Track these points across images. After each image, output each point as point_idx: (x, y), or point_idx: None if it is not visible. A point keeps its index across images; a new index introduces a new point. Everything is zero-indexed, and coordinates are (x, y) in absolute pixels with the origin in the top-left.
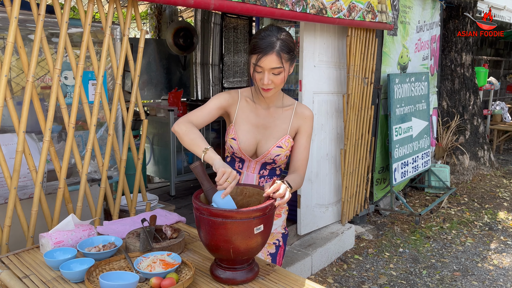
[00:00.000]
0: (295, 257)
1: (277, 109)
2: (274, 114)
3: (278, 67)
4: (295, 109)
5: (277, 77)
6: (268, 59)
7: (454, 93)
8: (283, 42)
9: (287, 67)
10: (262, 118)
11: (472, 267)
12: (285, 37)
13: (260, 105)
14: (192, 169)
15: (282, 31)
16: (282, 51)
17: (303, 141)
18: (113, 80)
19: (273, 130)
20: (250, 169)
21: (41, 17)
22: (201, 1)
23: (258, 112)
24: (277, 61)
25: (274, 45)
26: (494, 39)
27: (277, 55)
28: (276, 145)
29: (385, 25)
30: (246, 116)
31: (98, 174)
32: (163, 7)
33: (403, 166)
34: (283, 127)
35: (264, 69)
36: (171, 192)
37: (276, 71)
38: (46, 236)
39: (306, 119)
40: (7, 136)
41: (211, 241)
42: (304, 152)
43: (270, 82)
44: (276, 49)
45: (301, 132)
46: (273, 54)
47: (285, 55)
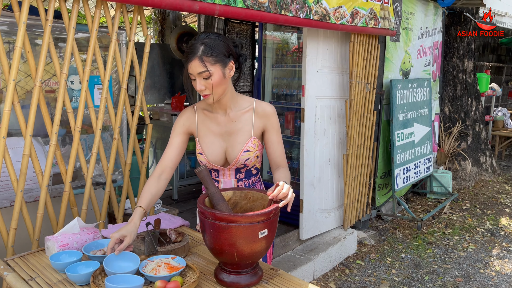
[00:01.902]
0: (298, 262)
1: (236, 113)
2: (234, 119)
3: (203, 71)
4: (255, 109)
5: (207, 81)
6: (193, 65)
7: (456, 99)
8: (207, 46)
9: (215, 70)
10: (224, 126)
11: (474, 273)
12: (210, 41)
13: (218, 113)
14: (197, 174)
15: (209, 35)
16: (204, 55)
17: (274, 138)
18: (119, 85)
19: (237, 135)
20: (225, 176)
21: (49, 22)
22: (206, 7)
23: (218, 121)
24: (200, 66)
25: (197, 50)
26: (496, 45)
27: (199, 60)
28: (243, 150)
29: (387, 31)
30: (207, 128)
31: (102, 177)
32: (167, 12)
33: (405, 172)
34: (246, 130)
35: (194, 75)
36: (174, 196)
37: (203, 75)
38: (51, 239)
39: (268, 116)
40: (14, 139)
41: (216, 245)
42: (279, 147)
43: (203, 87)
44: (198, 54)
45: (268, 130)
46: (195, 59)
47: (209, 58)
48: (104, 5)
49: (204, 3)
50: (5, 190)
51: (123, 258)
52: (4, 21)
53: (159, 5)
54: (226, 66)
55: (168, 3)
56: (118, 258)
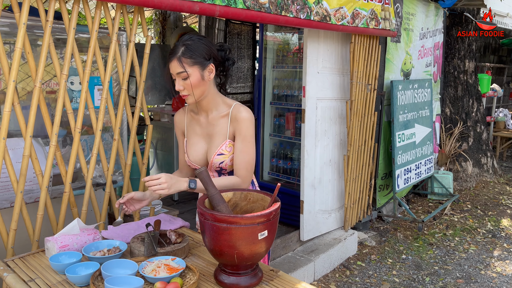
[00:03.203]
0: (298, 263)
1: (215, 116)
2: (213, 121)
3: (181, 71)
4: (231, 113)
5: (185, 82)
6: (172, 65)
7: (457, 100)
8: (186, 47)
9: (193, 72)
10: (205, 127)
11: (475, 274)
12: (191, 43)
13: (201, 115)
14: (197, 175)
15: (192, 37)
16: (183, 56)
17: (238, 145)
18: (119, 85)
19: (214, 138)
20: None
21: (49, 23)
22: (206, 8)
23: (200, 122)
24: (178, 66)
25: (177, 51)
26: (497, 46)
27: (177, 60)
28: (216, 153)
29: (388, 32)
30: (192, 128)
31: (102, 178)
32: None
33: (406, 173)
34: (222, 133)
35: (174, 76)
36: (174, 197)
37: (181, 76)
38: (51, 240)
39: (239, 121)
40: (14, 140)
41: (216, 247)
42: (239, 156)
43: (182, 87)
44: (177, 55)
45: (236, 135)
46: (174, 60)
47: (187, 59)
48: (105, 6)
49: (205, 4)
50: (5, 191)
51: (121, 265)
52: (5, 22)
53: (160, 6)
54: (205, 68)
55: (168, 4)
56: (116, 265)
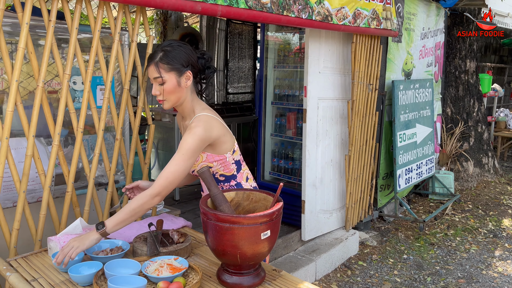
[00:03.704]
0: (299, 263)
1: (188, 123)
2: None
3: (157, 76)
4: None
5: (162, 87)
6: (149, 70)
7: (458, 100)
8: (164, 53)
9: (170, 77)
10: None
11: (477, 274)
12: (170, 49)
13: (184, 120)
14: (199, 175)
15: (172, 43)
16: (160, 61)
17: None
18: (121, 85)
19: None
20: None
21: (52, 23)
22: (208, 8)
23: (185, 126)
24: (155, 71)
25: (155, 57)
26: (498, 46)
27: (154, 66)
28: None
29: (390, 32)
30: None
31: (104, 178)
32: (169, 13)
33: (407, 173)
34: None
35: (151, 80)
36: (176, 197)
37: (158, 81)
38: (54, 240)
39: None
40: (17, 140)
41: (218, 246)
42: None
43: (158, 92)
44: (155, 60)
45: None
46: (151, 65)
47: (164, 65)
48: (107, 6)
49: (207, 3)
50: (7, 191)
51: (124, 265)
52: (7, 22)
53: (161, 6)
54: (182, 75)
55: (170, 3)
56: (119, 265)
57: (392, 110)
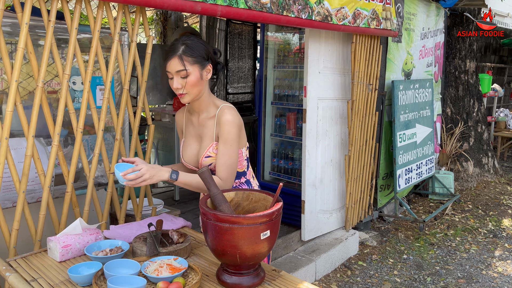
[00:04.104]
0: (299, 263)
1: (204, 118)
2: (203, 123)
3: (181, 69)
4: (217, 115)
5: (185, 80)
6: (172, 63)
7: (458, 100)
8: (187, 46)
9: (193, 70)
10: (197, 128)
11: (477, 274)
12: (191, 42)
13: (194, 115)
14: (199, 175)
15: (190, 38)
16: (184, 54)
17: (220, 147)
18: (121, 85)
19: (204, 140)
20: None
21: (51, 23)
22: (208, 8)
23: (193, 123)
24: (179, 64)
25: (177, 50)
26: (498, 46)
27: (179, 58)
28: (204, 155)
29: (389, 32)
30: (188, 128)
31: (104, 178)
32: (169, 13)
33: (407, 173)
34: (210, 135)
35: (172, 74)
36: (175, 197)
37: (181, 74)
38: (54, 240)
39: (221, 124)
40: (16, 140)
41: (218, 246)
42: (220, 159)
43: (180, 86)
44: (178, 53)
45: (219, 138)
46: (175, 57)
47: (188, 57)
48: (107, 6)
49: (206, 4)
50: (7, 191)
51: (123, 265)
52: (7, 22)
53: (161, 6)
54: (204, 68)
55: (170, 4)
56: (118, 265)
57: (392, 110)
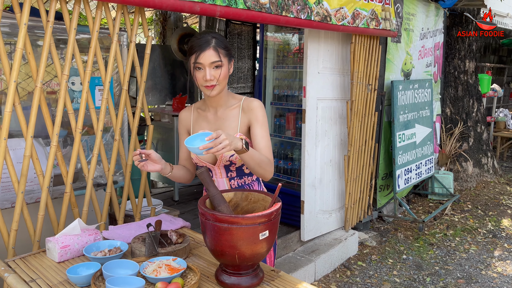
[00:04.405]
0: (299, 263)
1: (224, 110)
2: (222, 116)
3: (217, 60)
4: (242, 105)
5: (217, 71)
6: (207, 54)
7: (457, 100)
8: (218, 40)
9: (225, 63)
10: (213, 123)
11: (476, 274)
12: (220, 36)
13: (209, 111)
14: (198, 175)
15: (216, 33)
16: (218, 46)
17: (258, 131)
18: (120, 86)
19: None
20: (217, 175)
21: (50, 23)
22: (207, 8)
23: (208, 119)
24: (215, 55)
25: (210, 42)
26: (497, 46)
27: (214, 50)
28: None
29: (389, 32)
30: (199, 125)
31: (103, 179)
32: (168, 13)
33: (406, 173)
34: (233, 126)
35: (204, 65)
36: (175, 197)
37: (216, 64)
38: (52, 240)
39: (252, 110)
40: (15, 140)
41: (217, 247)
42: (262, 141)
43: (212, 77)
44: (212, 45)
45: (252, 123)
46: (210, 49)
47: (222, 50)
48: (105, 7)
49: (205, 4)
50: (6, 192)
51: (122, 266)
52: (6, 23)
53: (160, 7)
54: (231, 62)
55: (169, 4)
56: (117, 266)
57: (391, 111)
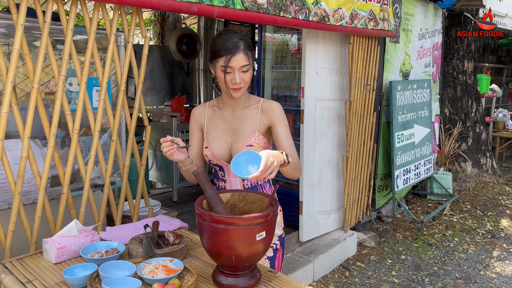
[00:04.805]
0: (297, 264)
1: (242, 110)
2: (240, 115)
3: (246, 64)
4: (261, 106)
5: (246, 74)
6: (237, 58)
7: (456, 100)
8: (245, 41)
9: (251, 65)
10: (230, 122)
11: (475, 275)
12: (245, 37)
13: (226, 110)
14: (195, 176)
15: (239, 33)
16: (247, 49)
17: (281, 131)
18: (117, 87)
19: (242, 131)
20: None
21: (47, 24)
22: (204, 9)
23: (225, 117)
24: (245, 59)
25: (239, 45)
26: (496, 46)
27: (244, 53)
28: (246, 144)
29: (387, 33)
30: (214, 124)
31: (101, 179)
32: (167, 14)
33: (405, 173)
34: (251, 126)
35: (234, 69)
36: (173, 198)
37: (245, 68)
38: (49, 242)
39: (273, 111)
40: (12, 141)
41: (213, 248)
42: (287, 141)
43: (241, 80)
44: (242, 48)
45: (275, 124)
46: (240, 52)
47: (249, 52)
48: (103, 7)
49: (203, 4)
50: (3, 193)
51: (119, 267)
52: (2, 23)
53: (157, 7)
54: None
55: (166, 4)
56: (114, 267)
57: (390, 111)
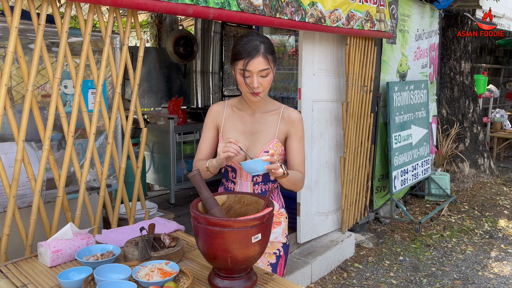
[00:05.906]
0: (295, 266)
1: (263, 114)
2: (260, 119)
3: (266, 68)
4: (282, 113)
5: (265, 79)
6: (256, 62)
7: (453, 101)
8: (266, 45)
9: (272, 69)
10: (249, 125)
11: (473, 275)
12: (267, 40)
13: (246, 112)
14: (190, 178)
15: (262, 35)
16: (267, 53)
17: (295, 145)
18: (113, 89)
19: (260, 136)
20: (243, 177)
21: (41, 26)
22: (200, 11)
23: (244, 119)
24: (264, 63)
25: (259, 48)
26: (493, 47)
27: (263, 57)
28: (263, 150)
29: (383, 34)
30: (232, 124)
31: (97, 182)
32: (164, 16)
33: (403, 174)
34: (270, 132)
35: (252, 73)
36: (171, 200)
37: (264, 72)
38: (44, 245)
39: (294, 123)
40: (7, 144)
41: (209, 250)
42: (298, 156)
43: (259, 85)
44: (261, 51)
45: (291, 136)
46: (259, 56)
47: (270, 56)
48: (98, 9)
49: (199, 6)
50: None
51: (114, 270)
52: None
53: (153, 9)
54: (275, 66)
55: (161, 7)
56: (109, 270)
57: (387, 112)
